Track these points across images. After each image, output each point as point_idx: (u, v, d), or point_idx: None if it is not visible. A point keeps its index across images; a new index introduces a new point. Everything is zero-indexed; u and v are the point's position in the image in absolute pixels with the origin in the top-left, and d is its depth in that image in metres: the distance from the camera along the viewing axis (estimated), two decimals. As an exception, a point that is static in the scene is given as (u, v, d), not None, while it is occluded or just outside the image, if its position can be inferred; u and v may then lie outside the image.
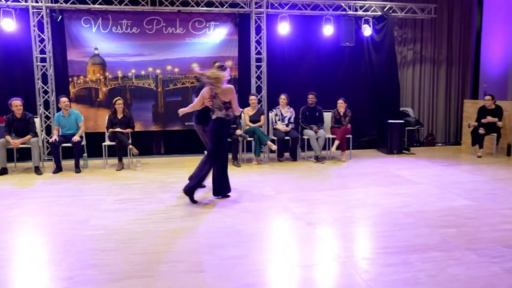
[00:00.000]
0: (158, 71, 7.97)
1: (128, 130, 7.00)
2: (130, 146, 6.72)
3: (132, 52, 7.82)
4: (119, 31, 7.71)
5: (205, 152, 5.26)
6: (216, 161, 4.79)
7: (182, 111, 5.07)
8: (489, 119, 7.64)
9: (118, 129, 6.84)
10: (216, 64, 4.93)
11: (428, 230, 3.78)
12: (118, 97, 7.10)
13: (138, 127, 7.74)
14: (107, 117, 7.14)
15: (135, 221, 4.12)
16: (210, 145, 4.82)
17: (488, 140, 7.82)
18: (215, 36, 8.09)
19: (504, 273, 2.89)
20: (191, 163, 7.37)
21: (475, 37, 9.63)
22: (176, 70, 8.04)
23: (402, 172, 6.36)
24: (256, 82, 8.29)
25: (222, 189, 4.94)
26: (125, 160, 6.99)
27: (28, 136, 6.48)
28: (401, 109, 9.15)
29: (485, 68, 9.81)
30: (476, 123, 7.77)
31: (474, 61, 9.66)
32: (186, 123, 8.18)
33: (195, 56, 8.06)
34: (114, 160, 7.06)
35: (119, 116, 7.00)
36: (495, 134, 7.67)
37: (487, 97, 7.80)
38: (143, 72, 7.93)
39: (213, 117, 4.78)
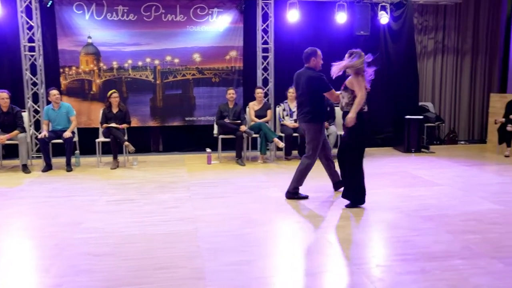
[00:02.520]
0: (156, 61, 7.99)
1: (124, 126, 7.02)
2: (126, 143, 6.74)
3: (129, 41, 7.84)
4: (114, 18, 7.74)
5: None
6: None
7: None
8: (518, 115, 7.57)
9: (113, 125, 6.87)
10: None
11: (449, 236, 3.75)
12: (113, 90, 7.13)
13: (134, 123, 7.78)
14: (101, 112, 7.17)
15: (131, 223, 4.14)
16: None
17: (517, 138, 7.75)
18: (219, 24, 8.09)
19: (533, 283, 2.86)
20: (191, 161, 7.40)
21: (504, 25, 9.51)
22: (176, 61, 8.05)
23: (420, 173, 6.32)
24: (263, 74, 8.28)
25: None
26: (120, 158, 7.02)
27: (15, 132, 6.52)
28: (420, 103, 9.09)
29: (514, 59, 9.70)
30: (503, 119, 7.70)
31: (503, 51, 9.55)
32: (187, 118, 8.21)
33: (197, 45, 8.07)
34: (109, 158, 7.09)
35: (114, 110, 7.02)
36: (524, 132, 7.60)
37: (516, 91, 7.72)
38: (140, 63, 7.96)
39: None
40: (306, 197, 4.94)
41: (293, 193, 4.94)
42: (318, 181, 5.57)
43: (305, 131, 4.96)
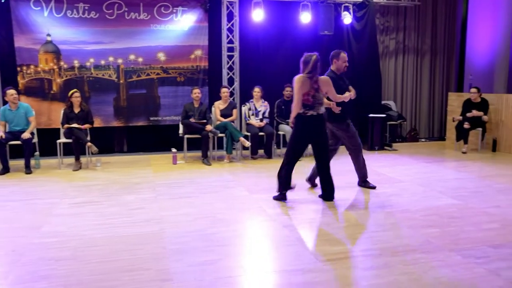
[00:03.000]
0: (119, 60, 7.83)
1: (86, 126, 6.84)
2: (89, 144, 6.57)
3: (91, 40, 7.65)
4: (75, 16, 7.52)
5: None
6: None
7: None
8: (475, 113, 7.87)
9: (75, 125, 6.68)
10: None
11: (411, 230, 3.86)
12: (75, 90, 6.93)
13: (97, 123, 7.59)
14: (62, 112, 6.95)
15: (94, 226, 4.04)
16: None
17: (473, 135, 8.06)
18: (183, 23, 8.01)
19: (489, 274, 2.98)
20: (157, 161, 7.30)
21: (460, 27, 9.89)
22: (140, 60, 7.92)
23: (384, 170, 6.47)
24: (228, 74, 8.27)
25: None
26: (83, 159, 6.84)
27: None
28: (382, 102, 9.32)
29: (470, 59, 10.10)
30: (460, 117, 7.99)
31: (459, 52, 9.93)
32: (151, 118, 8.09)
33: (161, 44, 7.96)
34: (71, 159, 6.89)
35: (76, 110, 6.83)
36: (480, 129, 7.91)
37: (473, 90, 8.03)
38: (103, 62, 7.77)
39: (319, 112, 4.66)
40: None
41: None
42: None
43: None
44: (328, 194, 4.83)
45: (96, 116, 7.57)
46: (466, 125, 7.75)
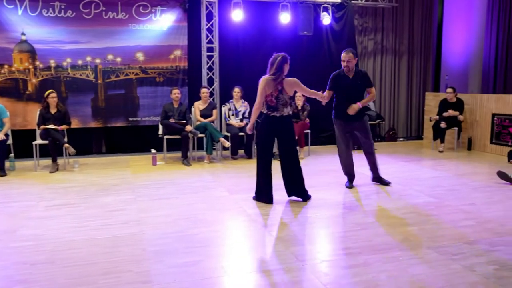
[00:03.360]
0: (97, 60, 7.73)
1: (64, 127, 6.73)
2: (66, 145, 6.46)
3: (67, 39, 7.53)
4: (50, 15, 7.39)
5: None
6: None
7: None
8: (451, 112, 8.03)
9: (51, 126, 6.56)
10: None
11: (389, 229, 3.92)
12: (51, 90, 6.80)
13: (75, 124, 7.48)
14: (38, 112, 6.82)
15: (72, 229, 3.97)
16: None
17: (450, 134, 8.23)
18: (162, 23, 7.95)
19: (464, 270, 3.05)
20: (136, 162, 7.23)
21: (436, 28, 10.08)
22: (119, 60, 7.83)
23: (363, 169, 6.53)
24: (208, 74, 8.24)
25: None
26: (60, 161, 6.72)
27: None
28: (362, 102, 9.41)
29: (446, 60, 10.30)
30: (437, 117, 8.14)
31: (435, 52, 10.12)
32: (130, 119, 8.01)
33: (140, 44, 7.89)
34: (47, 161, 6.76)
35: (52, 111, 6.71)
36: (456, 128, 8.08)
37: (449, 90, 8.20)
38: (80, 62, 7.66)
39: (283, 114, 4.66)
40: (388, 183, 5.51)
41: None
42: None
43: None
44: (300, 193, 4.85)
45: (74, 117, 7.46)
46: (443, 125, 7.91)
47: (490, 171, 6.29)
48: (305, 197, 4.85)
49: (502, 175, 5.64)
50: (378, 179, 5.61)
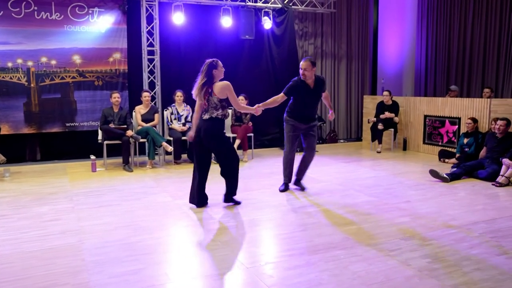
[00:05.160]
0: (30, 63, 7.35)
1: (-8, 134, 6.34)
2: (-5, 153, 6.09)
3: (-5, 40, 7.10)
4: (-24, 14, 6.94)
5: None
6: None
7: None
8: (387, 114, 8.42)
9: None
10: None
11: (331, 228, 4.03)
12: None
13: (5, 130, 7.07)
14: (-37, 118, 6.38)
15: (3, 242, 3.74)
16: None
17: (386, 135, 8.62)
18: (100, 25, 7.71)
19: (401, 265, 3.20)
20: (74, 169, 6.94)
21: (372, 34, 10.54)
22: (53, 62, 7.50)
23: (308, 171, 6.68)
24: (149, 77, 8.08)
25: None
26: (-11, 170, 6.32)
27: None
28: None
29: (382, 65, 10.80)
30: (375, 119, 8.50)
31: (372, 57, 10.57)
32: (68, 124, 7.68)
33: (77, 46, 7.60)
34: (-25, 170, 6.34)
35: (-20, 116, 6.30)
36: (392, 129, 8.48)
37: (385, 93, 8.59)
38: (10, 64, 7.25)
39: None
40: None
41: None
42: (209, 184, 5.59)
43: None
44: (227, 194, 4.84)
45: (4, 123, 7.06)
46: (380, 126, 8.26)
47: (424, 170, 6.65)
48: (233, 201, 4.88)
49: (433, 173, 5.99)
50: (299, 182, 5.60)
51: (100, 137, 7.09)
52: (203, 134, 4.56)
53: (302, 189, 5.52)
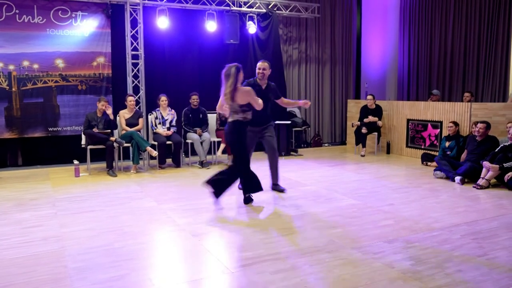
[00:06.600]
0: (11, 67, 7.23)
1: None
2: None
3: (-25, 43, 6.97)
4: (-44, 17, 6.80)
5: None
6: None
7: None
8: (371, 118, 8.49)
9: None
10: None
11: (316, 232, 4.03)
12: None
13: (-14, 135, 6.92)
14: None
15: (-18, 249, 3.66)
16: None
17: (370, 139, 8.69)
18: (84, 29, 7.63)
19: (385, 267, 3.21)
20: (56, 175, 6.84)
21: (355, 39, 10.64)
22: (36, 66, 7.38)
23: (290, 175, 6.70)
24: (133, 82, 8.02)
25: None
26: (-31, 176, 6.17)
27: None
28: (288, 109, 9.66)
29: (365, 69, 10.91)
30: (359, 123, 8.57)
31: (355, 61, 10.67)
32: (50, 129, 7.56)
33: (60, 50, 7.51)
34: (-46, 176, 6.19)
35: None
36: (376, 133, 8.55)
37: (369, 97, 8.67)
38: (-10, 68, 7.12)
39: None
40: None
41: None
42: (195, 188, 5.57)
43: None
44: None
45: (-15, 128, 6.90)
46: (364, 130, 8.33)
47: (407, 173, 6.72)
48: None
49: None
50: (276, 186, 5.61)
51: (83, 141, 6.99)
52: (225, 133, 4.92)
53: (281, 191, 5.51)
